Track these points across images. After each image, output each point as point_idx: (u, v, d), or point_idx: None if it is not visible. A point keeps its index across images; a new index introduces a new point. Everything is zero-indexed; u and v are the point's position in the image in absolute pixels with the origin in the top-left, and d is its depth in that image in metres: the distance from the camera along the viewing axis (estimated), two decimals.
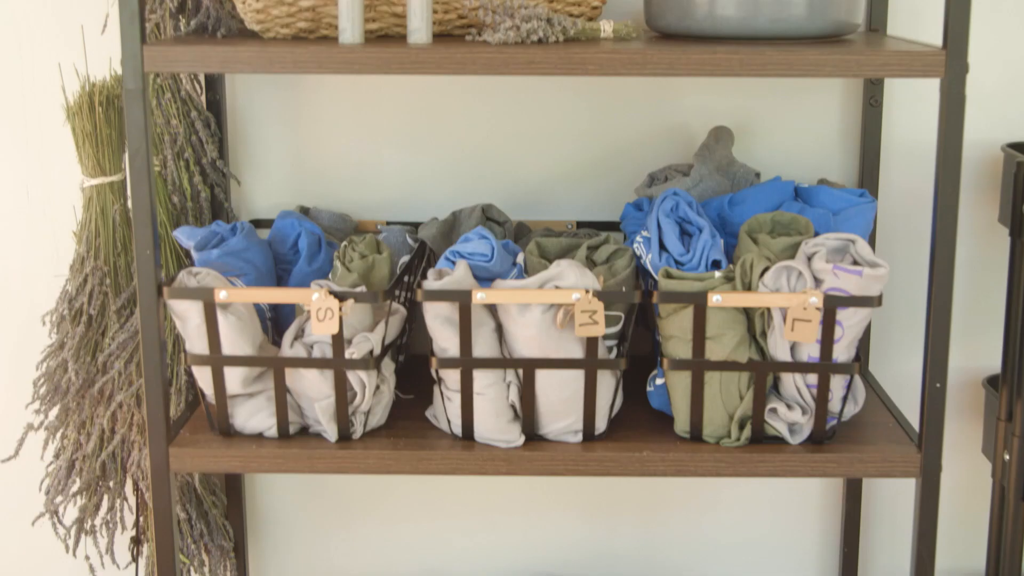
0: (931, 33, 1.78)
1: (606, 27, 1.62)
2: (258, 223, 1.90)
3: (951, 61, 1.46)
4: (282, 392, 1.59)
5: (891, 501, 2.03)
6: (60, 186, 1.92)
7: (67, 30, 1.87)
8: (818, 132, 1.91)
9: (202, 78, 1.85)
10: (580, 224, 1.90)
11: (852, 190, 1.70)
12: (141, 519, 1.89)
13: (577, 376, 1.57)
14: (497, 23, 1.56)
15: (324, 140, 1.92)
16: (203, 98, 1.85)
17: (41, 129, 1.91)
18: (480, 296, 1.53)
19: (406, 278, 1.74)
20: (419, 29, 1.54)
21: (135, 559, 1.92)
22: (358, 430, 1.62)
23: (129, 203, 1.74)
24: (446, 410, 1.63)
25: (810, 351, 1.55)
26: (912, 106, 1.89)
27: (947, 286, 1.52)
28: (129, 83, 1.49)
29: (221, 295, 1.55)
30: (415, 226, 1.87)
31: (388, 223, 1.91)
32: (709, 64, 1.47)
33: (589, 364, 1.57)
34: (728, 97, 1.90)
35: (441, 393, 1.62)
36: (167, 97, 1.79)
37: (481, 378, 1.58)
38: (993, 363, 1.94)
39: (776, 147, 1.91)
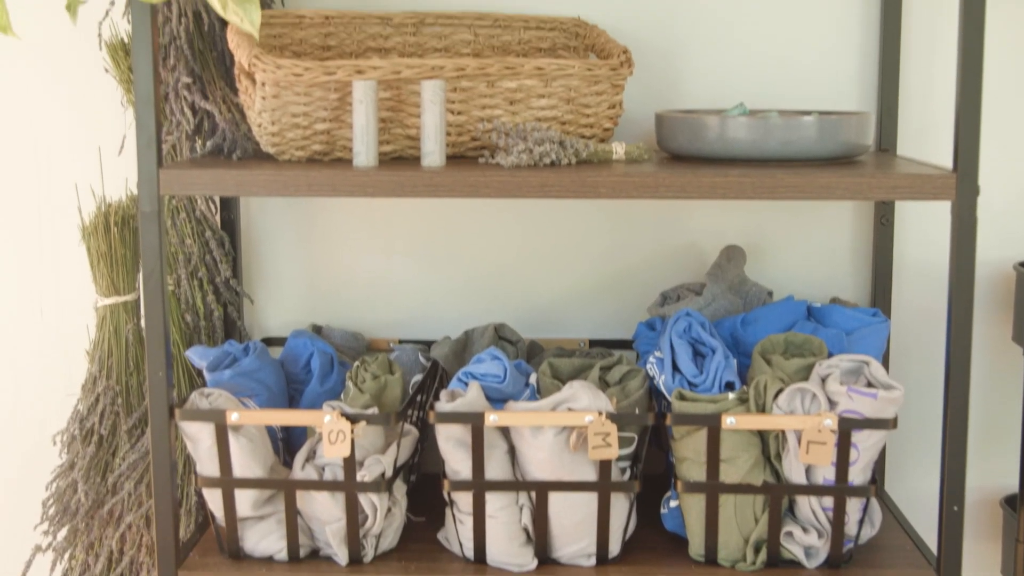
0: (942, 152, 1.79)
1: (618, 149, 1.64)
2: (271, 341, 1.90)
3: (961, 184, 1.47)
4: (293, 515, 1.58)
5: None
6: (74, 305, 1.93)
7: (84, 151, 1.89)
8: (830, 250, 1.91)
9: (217, 198, 1.87)
10: (592, 342, 1.90)
11: (865, 309, 1.70)
12: None
13: (590, 499, 1.56)
14: (510, 146, 1.58)
15: (337, 258, 1.93)
16: (218, 217, 1.86)
17: (57, 248, 1.92)
18: (493, 419, 1.52)
19: (419, 398, 1.74)
20: (433, 152, 1.56)
21: None
22: (369, 553, 1.60)
23: (142, 322, 1.74)
24: (458, 533, 1.61)
25: (826, 473, 1.54)
26: (923, 224, 1.90)
27: (963, 407, 1.51)
28: (145, 206, 1.50)
29: (233, 417, 1.54)
30: (428, 344, 1.87)
31: (401, 341, 1.91)
32: (720, 187, 1.48)
33: (602, 487, 1.55)
34: (739, 216, 1.91)
35: (453, 516, 1.61)
36: (182, 217, 1.80)
37: (493, 501, 1.56)
38: (1010, 482, 1.92)
39: (788, 266, 1.91)
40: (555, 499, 1.56)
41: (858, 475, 1.55)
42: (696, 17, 1.87)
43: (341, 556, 1.59)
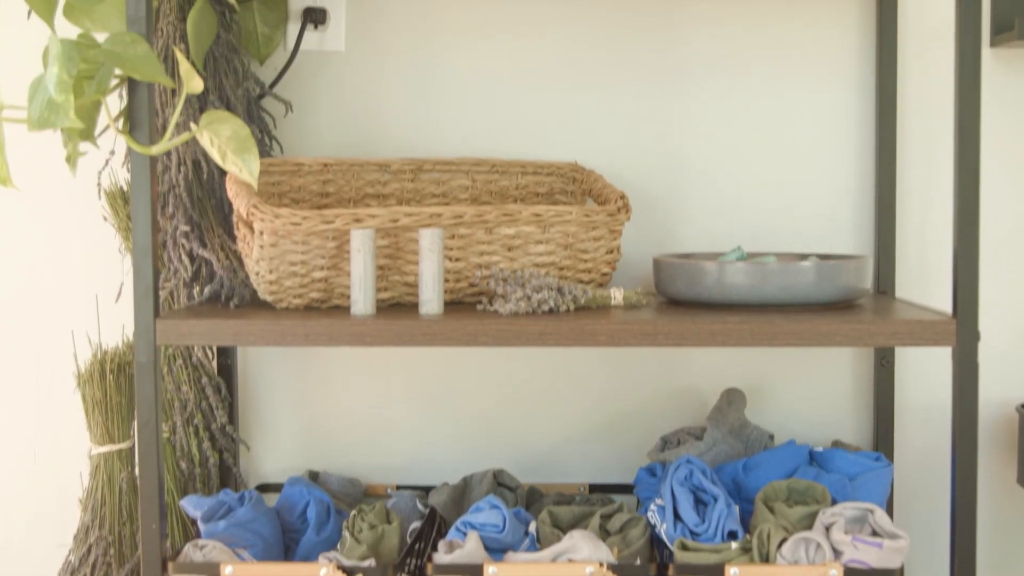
0: (941, 291, 1.79)
1: (616, 295, 1.63)
2: (267, 487, 1.88)
3: (962, 330, 1.46)
4: None
5: None
6: (68, 452, 1.91)
7: (82, 298, 1.89)
8: (830, 393, 1.90)
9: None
10: (592, 487, 1.87)
11: (867, 453, 1.68)
12: None
13: None
14: (508, 293, 1.57)
15: (335, 403, 1.91)
16: (214, 363, 1.85)
17: (52, 395, 1.91)
18: (492, 571, 1.49)
19: (417, 546, 1.71)
20: (431, 300, 1.55)
21: None
22: None
23: (137, 471, 1.72)
24: None
25: None
26: (924, 365, 1.89)
27: (969, 553, 1.48)
28: (141, 356, 1.49)
29: (227, 571, 1.51)
30: (426, 490, 1.85)
31: (398, 487, 1.89)
32: (720, 335, 1.48)
33: None
34: (739, 358, 1.90)
35: None
36: (179, 363, 1.79)
37: None
38: None
39: (789, 409, 1.90)
40: None
41: None
42: (692, 161, 1.88)
43: None
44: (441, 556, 1.51)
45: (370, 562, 1.54)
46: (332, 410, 1.92)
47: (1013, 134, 1.86)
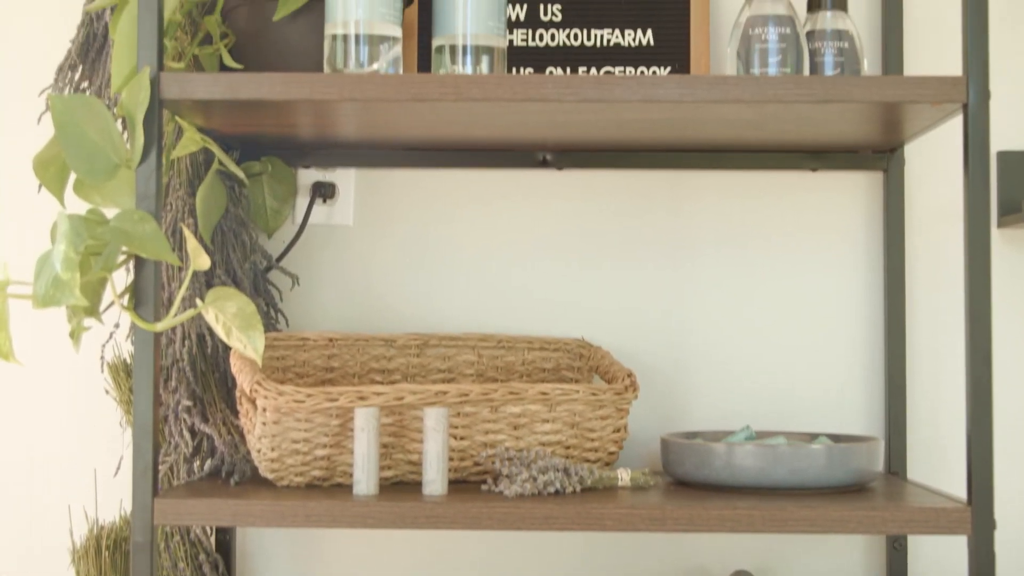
0: (955, 474, 1.76)
1: (623, 475, 1.61)
2: None
3: (977, 518, 1.43)
4: None
5: None
6: None
7: (80, 471, 1.86)
8: (841, 574, 1.86)
9: None
10: None
11: None
12: None
13: None
14: (513, 474, 1.55)
15: None
16: (213, 539, 1.81)
17: (45, 571, 1.87)
18: None
19: None
20: (434, 480, 1.52)
21: None
22: None
23: None
24: None
25: None
26: (938, 551, 1.85)
27: None
28: (138, 536, 1.46)
29: None
30: None
31: None
32: (730, 520, 1.45)
33: None
34: (749, 540, 1.86)
35: None
36: (176, 540, 1.75)
37: None
38: None
39: None
40: None
41: None
42: (700, 338, 1.87)
43: None
44: None
45: None
46: None
47: (1022, 313, 1.86)
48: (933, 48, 1.87)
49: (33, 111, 1.80)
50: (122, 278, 1.78)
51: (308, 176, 1.89)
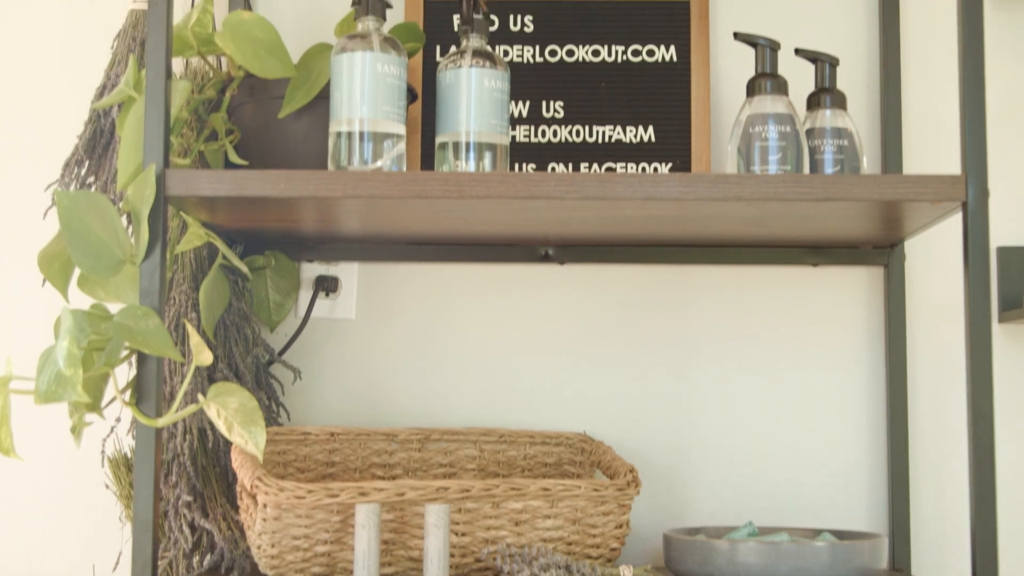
0: (958, 571, 1.75)
1: (626, 572, 1.59)
2: None
3: None
4: None
5: None
6: None
7: (78, 567, 1.85)
8: None
9: None
10: None
11: None
12: None
13: None
14: (515, 572, 1.54)
15: None
16: None
17: None
18: None
19: None
20: None
21: None
22: None
23: None
24: None
25: None
26: None
27: None
28: None
29: None
30: None
31: None
32: None
33: None
34: None
35: None
36: None
37: None
38: None
39: None
40: None
41: None
42: (702, 434, 1.87)
43: None
44: None
45: None
46: None
47: None
48: (932, 144, 1.88)
49: (39, 205, 1.81)
50: (124, 372, 1.78)
51: (311, 270, 1.90)
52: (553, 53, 1.89)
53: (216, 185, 1.49)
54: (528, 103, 1.87)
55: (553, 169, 1.85)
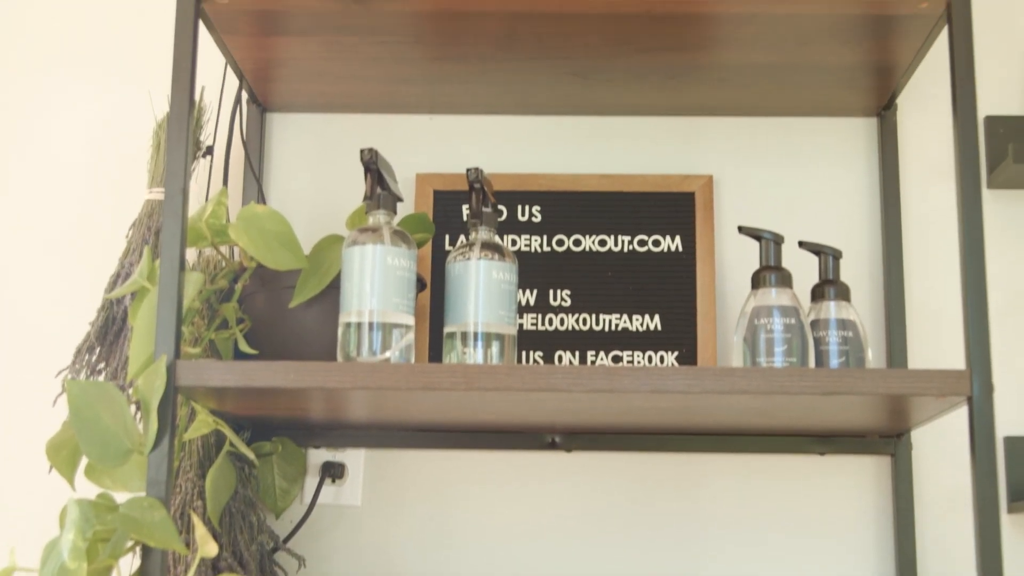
0: None
1: None
2: None
3: None
4: None
5: None
6: None
7: None
8: None
9: None
10: None
11: None
12: None
13: None
14: None
15: None
16: None
17: None
18: None
19: None
20: None
21: None
22: None
23: None
24: None
25: None
26: None
27: None
28: None
29: None
30: None
31: None
32: None
33: None
34: None
35: None
36: None
37: None
38: None
39: None
40: None
41: None
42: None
43: None
44: None
45: None
46: None
47: None
48: (936, 334, 1.90)
49: (49, 391, 1.82)
50: (128, 561, 1.77)
51: (318, 456, 1.89)
52: (560, 243, 1.92)
53: (226, 376, 1.50)
54: (536, 291, 1.90)
55: (560, 357, 1.87)
